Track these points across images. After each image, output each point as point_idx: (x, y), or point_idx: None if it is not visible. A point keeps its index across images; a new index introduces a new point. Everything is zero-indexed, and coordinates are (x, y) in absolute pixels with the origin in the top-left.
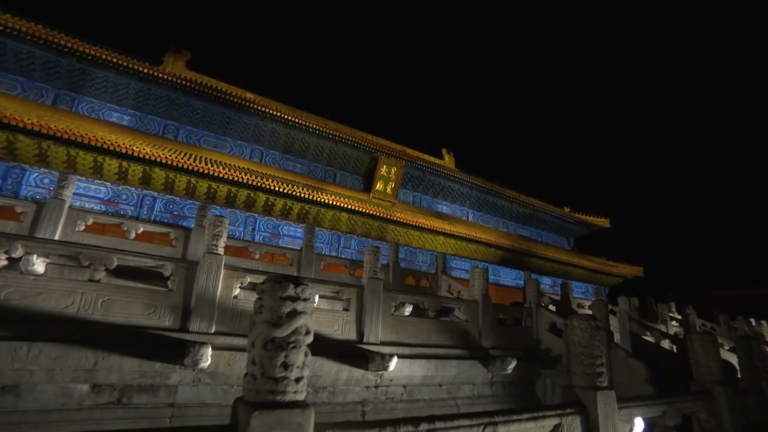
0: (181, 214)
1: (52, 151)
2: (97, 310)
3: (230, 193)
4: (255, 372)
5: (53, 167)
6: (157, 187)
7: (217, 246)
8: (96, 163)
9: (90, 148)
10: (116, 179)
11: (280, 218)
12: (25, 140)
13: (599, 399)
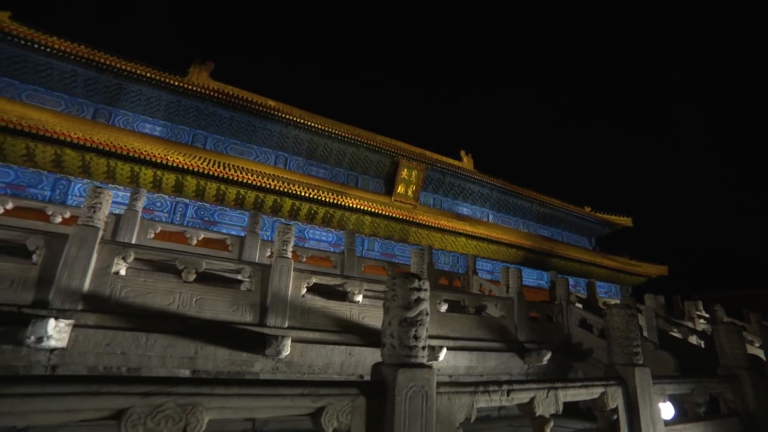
0: (211, 220)
1: (94, 162)
2: (192, 307)
3: (257, 199)
4: (394, 343)
5: (95, 178)
6: (189, 194)
7: (287, 251)
8: (133, 173)
9: (128, 158)
10: (151, 188)
11: (305, 222)
12: (71, 153)
13: (637, 374)
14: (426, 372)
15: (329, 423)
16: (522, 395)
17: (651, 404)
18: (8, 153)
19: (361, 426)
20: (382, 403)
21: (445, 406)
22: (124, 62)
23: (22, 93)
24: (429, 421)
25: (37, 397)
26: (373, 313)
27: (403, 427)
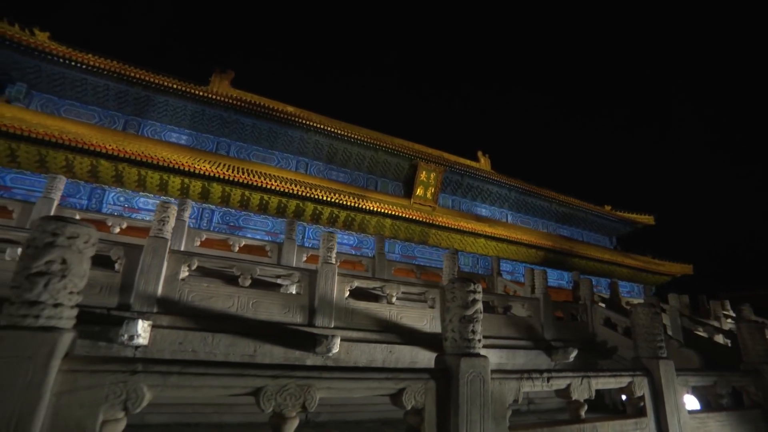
0: (236, 225)
1: (126, 172)
2: (249, 309)
3: (280, 204)
4: (455, 336)
5: (127, 186)
6: (215, 200)
7: (331, 257)
8: (162, 181)
9: (157, 167)
10: (179, 194)
11: (327, 226)
12: (106, 164)
13: (661, 366)
14: (482, 360)
15: (408, 401)
16: (560, 382)
17: (675, 393)
18: (50, 165)
19: (432, 404)
20: (448, 385)
21: (498, 389)
22: (152, 75)
23: (61, 108)
24: (486, 401)
25: (206, 376)
26: (409, 314)
27: (466, 406)
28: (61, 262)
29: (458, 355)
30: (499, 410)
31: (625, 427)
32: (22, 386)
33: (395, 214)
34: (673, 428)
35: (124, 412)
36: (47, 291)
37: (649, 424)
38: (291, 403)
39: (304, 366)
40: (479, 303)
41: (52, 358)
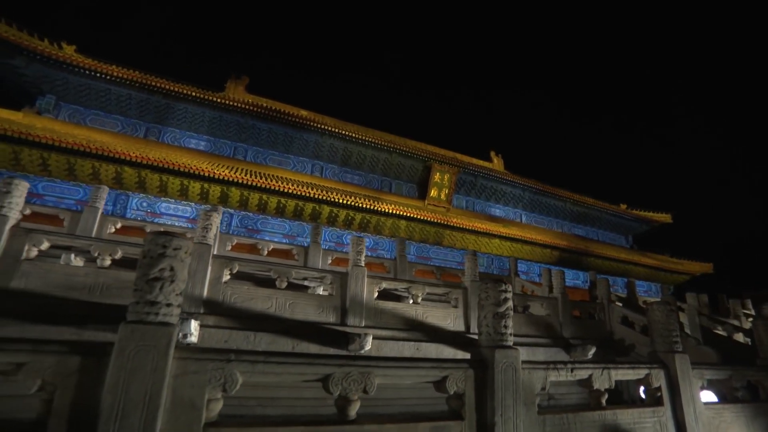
0: (255, 228)
1: (149, 178)
2: (286, 310)
3: (297, 207)
4: (489, 330)
5: (149, 192)
6: (233, 204)
7: (361, 260)
8: (182, 186)
9: (179, 173)
10: (199, 199)
11: (343, 228)
12: (129, 170)
13: (676, 359)
14: (514, 352)
15: (451, 387)
16: (582, 372)
17: (690, 385)
18: (78, 173)
19: (471, 390)
20: (484, 374)
21: (527, 378)
22: (172, 83)
23: (87, 117)
24: (517, 388)
25: (285, 364)
26: (434, 313)
27: (500, 392)
28: (170, 269)
29: (493, 347)
30: (529, 396)
31: (643, 415)
32: (151, 369)
33: (410, 216)
34: (689, 417)
35: (223, 392)
36: (162, 293)
37: (666, 413)
38: (354, 387)
39: (365, 356)
40: (510, 301)
41: (169, 348)
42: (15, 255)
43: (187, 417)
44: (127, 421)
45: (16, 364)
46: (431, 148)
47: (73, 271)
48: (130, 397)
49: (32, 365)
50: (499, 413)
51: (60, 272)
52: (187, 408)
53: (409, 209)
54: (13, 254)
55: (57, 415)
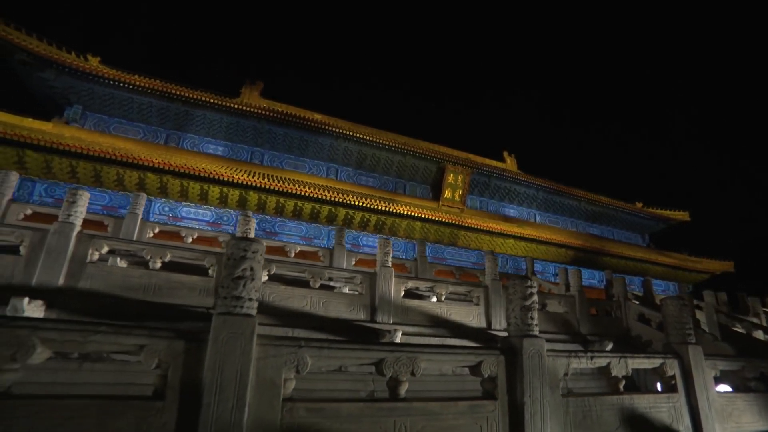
0: (272, 231)
1: (170, 183)
2: (320, 308)
3: (314, 210)
4: (517, 322)
5: (171, 197)
6: (251, 207)
7: (387, 261)
8: (202, 191)
9: (199, 178)
10: (218, 203)
11: (359, 230)
12: (152, 176)
13: (690, 350)
14: (540, 341)
15: (485, 371)
16: (601, 361)
17: (704, 374)
18: (104, 179)
19: (503, 373)
20: (514, 360)
21: (551, 364)
22: (191, 91)
23: (110, 126)
24: (543, 373)
25: (346, 350)
26: (457, 310)
27: (528, 376)
28: (250, 269)
29: (521, 336)
30: (554, 380)
31: (658, 400)
32: (240, 353)
33: (425, 217)
34: (702, 404)
35: (296, 373)
36: (245, 289)
37: (680, 399)
38: (403, 369)
39: (412, 344)
40: (535, 296)
41: (253, 335)
42: (81, 258)
43: (268, 393)
44: (224, 394)
45: (139, 346)
46: (444, 150)
47: (129, 273)
48: (225, 375)
49: (150, 347)
50: (527, 394)
51: (119, 274)
52: (269, 385)
53: (424, 210)
54: (80, 258)
55: (171, 387)
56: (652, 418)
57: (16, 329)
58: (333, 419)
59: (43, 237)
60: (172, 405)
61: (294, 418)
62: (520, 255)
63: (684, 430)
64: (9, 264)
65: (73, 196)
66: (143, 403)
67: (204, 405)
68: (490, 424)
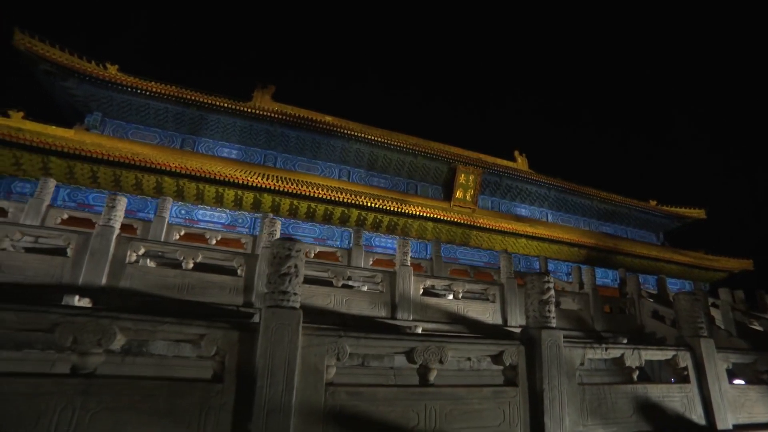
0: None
1: (186, 186)
2: (343, 305)
3: (327, 211)
4: (536, 314)
5: (187, 200)
6: (266, 210)
7: (407, 260)
8: (217, 194)
9: (214, 181)
10: (233, 206)
11: (371, 231)
12: (169, 180)
13: (702, 342)
14: (557, 332)
15: (507, 359)
16: (615, 351)
17: (716, 366)
18: (123, 184)
19: (523, 362)
20: (533, 350)
21: (568, 354)
22: (205, 95)
23: (128, 131)
24: (560, 362)
25: (380, 339)
26: (474, 308)
27: (546, 364)
28: (294, 266)
29: (539, 328)
30: (570, 369)
31: (671, 390)
32: (288, 342)
33: (437, 218)
34: (714, 394)
35: (337, 360)
36: (290, 285)
37: (692, 389)
38: (432, 357)
39: (440, 333)
40: (552, 290)
41: (299, 326)
42: (121, 259)
43: (313, 378)
44: (275, 378)
45: (199, 335)
46: (455, 150)
47: (165, 273)
48: (275, 361)
49: (209, 336)
50: (546, 382)
51: (155, 274)
52: (313, 371)
53: (436, 211)
54: (120, 259)
55: (228, 372)
56: (665, 407)
57: (100, 319)
58: (370, 402)
59: (87, 239)
60: (230, 387)
61: (336, 401)
62: (532, 254)
63: (697, 418)
64: (59, 264)
65: (113, 201)
66: (205, 385)
67: (258, 388)
68: (512, 408)
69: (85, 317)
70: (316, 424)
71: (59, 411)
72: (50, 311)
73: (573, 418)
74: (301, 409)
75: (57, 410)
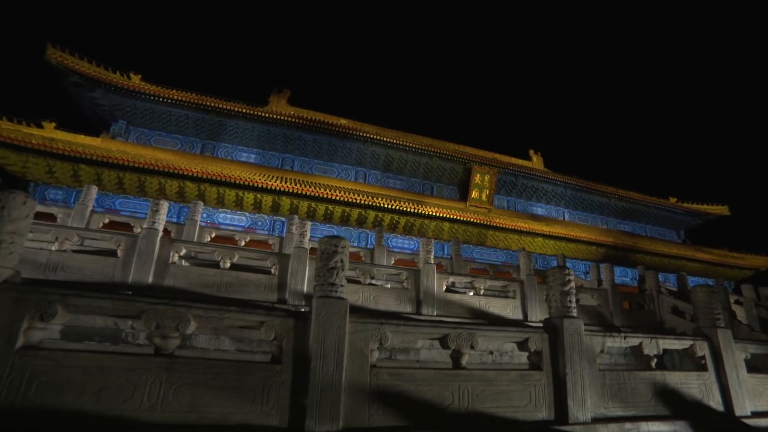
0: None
1: (207, 191)
2: (371, 302)
3: (344, 213)
4: (557, 304)
5: (208, 204)
6: (284, 212)
7: (430, 258)
8: (237, 198)
9: (234, 185)
10: (252, 209)
11: (388, 231)
12: (190, 185)
13: (719, 333)
14: (578, 321)
15: (532, 346)
16: (634, 340)
17: (733, 355)
18: (147, 189)
19: (547, 348)
20: (556, 337)
21: (589, 341)
22: (224, 102)
23: (151, 138)
24: (582, 349)
25: (418, 327)
26: (495, 304)
27: (569, 351)
28: (341, 261)
29: (561, 317)
30: (591, 356)
31: (689, 377)
32: (337, 328)
33: (453, 218)
34: (732, 382)
35: (379, 345)
36: (338, 277)
37: (710, 377)
38: (464, 343)
39: (471, 321)
40: (572, 282)
41: (346, 314)
42: (165, 260)
43: (359, 360)
44: (326, 360)
45: (259, 322)
46: (470, 150)
47: (204, 272)
48: (326, 345)
49: (269, 323)
50: (568, 366)
51: (196, 273)
52: (359, 354)
53: (452, 211)
54: (164, 259)
55: (286, 355)
56: (684, 393)
57: (177, 307)
58: (410, 382)
59: (135, 241)
60: (288, 368)
61: (380, 380)
62: (549, 254)
63: (715, 405)
64: (111, 264)
65: (156, 205)
66: (267, 366)
67: (312, 368)
68: (537, 390)
69: (165, 306)
70: (363, 400)
71: (149, 384)
72: (137, 300)
73: (594, 400)
74: (350, 387)
75: (148, 383)
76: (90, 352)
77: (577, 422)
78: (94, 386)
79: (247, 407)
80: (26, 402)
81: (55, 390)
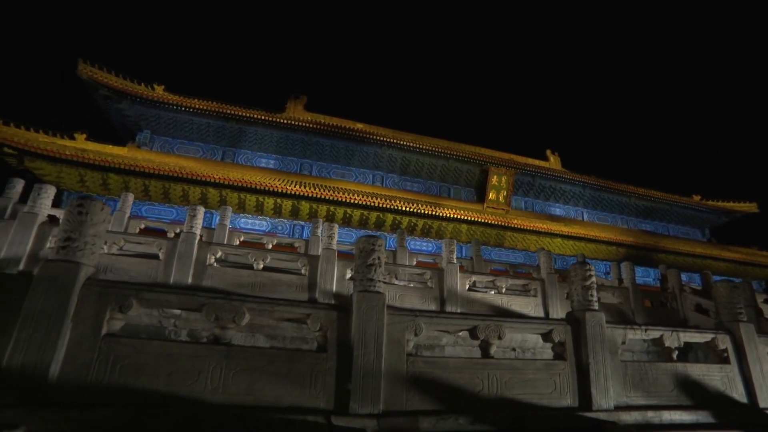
0: None
1: (229, 196)
2: (396, 300)
3: (362, 216)
4: (579, 299)
5: None
6: (303, 217)
7: (453, 258)
8: (258, 203)
9: (255, 191)
10: (272, 214)
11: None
12: (212, 191)
13: (741, 327)
14: (599, 314)
15: (555, 337)
16: (655, 333)
17: (756, 348)
18: (171, 196)
19: (570, 340)
20: (578, 329)
21: (610, 333)
22: (243, 109)
23: (174, 146)
24: (603, 340)
25: (449, 318)
26: (517, 302)
27: (591, 342)
28: (377, 258)
29: (583, 310)
30: (613, 347)
31: (711, 370)
32: (376, 320)
33: (471, 220)
34: (756, 374)
35: (414, 335)
36: (375, 273)
37: (733, 370)
38: (492, 334)
39: (498, 315)
40: (593, 277)
41: (384, 307)
42: (203, 261)
43: (396, 349)
44: (367, 349)
45: (306, 314)
46: (487, 152)
47: (239, 273)
48: (366, 335)
49: (314, 315)
50: (591, 357)
51: (232, 274)
52: (396, 344)
53: (469, 213)
54: (202, 261)
55: (330, 344)
56: (706, 385)
57: (233, 301)
58: (443, 370)
59: (174, 245)
60: (332, 356)
61: (415, 368)
62: (568, 254)
63: (738, 396)
64: (154, 266)
65: (194, 210)
66: (313, 354)
67: (354, 356)
68: (561, 378)
69: (222, 300)
70: (401, 386)
71: (211, 369)
72: (198, 295)
73: (617, 390)
74: (389, 373)
75: (210, 369)
76: (161, 340)
77: (600, 409)
78: (165, 370)
79: (297, 391)
80: (113, 381)
81: (135, 372)
